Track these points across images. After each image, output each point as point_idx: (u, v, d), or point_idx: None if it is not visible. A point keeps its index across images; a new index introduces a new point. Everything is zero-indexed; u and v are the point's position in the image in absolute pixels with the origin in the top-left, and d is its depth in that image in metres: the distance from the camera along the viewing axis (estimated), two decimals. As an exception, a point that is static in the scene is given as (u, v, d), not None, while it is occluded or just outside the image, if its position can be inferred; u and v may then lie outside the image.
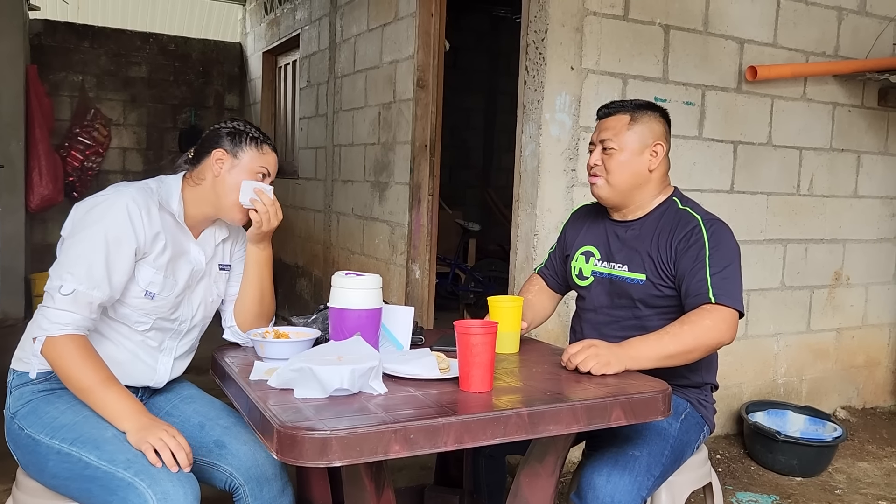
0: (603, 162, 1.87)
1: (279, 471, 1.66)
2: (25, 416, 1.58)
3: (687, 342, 1.67)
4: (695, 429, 1.85)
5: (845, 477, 3.08)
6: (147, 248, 1.62)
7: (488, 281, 5.93)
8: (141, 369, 1.71)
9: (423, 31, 3.65)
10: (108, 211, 1.57)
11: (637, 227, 1.90)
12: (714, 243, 1.77)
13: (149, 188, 1.67)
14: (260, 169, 1.73)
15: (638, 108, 1.88)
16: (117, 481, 1.43)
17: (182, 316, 1.74)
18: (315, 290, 5.19)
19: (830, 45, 3.53)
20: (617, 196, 1.89)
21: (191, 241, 1.74)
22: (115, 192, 1.62)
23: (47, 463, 1.53)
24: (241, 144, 1.72)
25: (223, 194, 1.71)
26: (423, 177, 3.70)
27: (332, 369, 1.35)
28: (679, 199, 1.91)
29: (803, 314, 3.64)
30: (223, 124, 1.76)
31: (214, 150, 1.71)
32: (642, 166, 1.87)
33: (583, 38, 2.88)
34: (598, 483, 1.61)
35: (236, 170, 1.70)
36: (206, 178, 1.71)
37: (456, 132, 7.46)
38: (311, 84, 5.26)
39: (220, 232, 1.82)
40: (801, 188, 3.56)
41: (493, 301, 1.82)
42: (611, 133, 1.86)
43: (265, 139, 1.77)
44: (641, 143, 1.86)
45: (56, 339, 1.51)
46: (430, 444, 1.25)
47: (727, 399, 3.40)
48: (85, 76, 6.51)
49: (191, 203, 1.72)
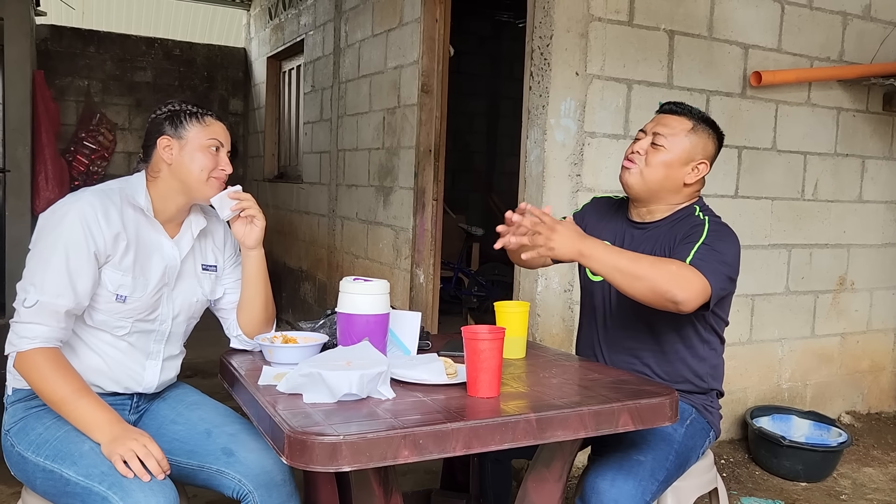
0: (647, 153, 1.84)
1: (287, 476, 1.67)
2: (17, 433, 1.59)
3: (642, 269, 1.59)
4: (700, 434, 1.85)
5: (850, 482, 3.08)
6: (108, 251, 1.58)
7: (492, 285, 5.93)
8: (127, 375, 1.69)
9: (427, 37, 3.66)
10: (64, 218, 1.55)
11: (653, 231, 1.89)
12: (711, 236, 1.74)
13: (109, 189, 1.64)
14: (209, 142, 1.68)
15: (702, 121, 1.87)
16: (94, 496, 1.44)
17: (162, 316, 1.71)
18: (319, 295, 5.20)
19: (835, 50, 3.54)
20: (643, 189, 1.86)
21: (162, 235, 1.70)
22: (71, 199, 1.59)
23: (35, 480, 1.54)
24: (182, 124, 1.67)
25: (184, 177, 1.67)
26: (427, 181, 3.71)
27: (340, 374, 1.36)
28: (700, 206, 1.89)
29: (808, 319, 3.64)
30: (158, 111, 1.72)
31: (158, 139, 1.67)
32: (680, 176, 1.85)
33: (588, 44, 2.89)
34: (603, 487, 1.61)
35: (186, 149, 1.67)
36: (162, 168, 1.68)
37: (459, 136, 7.47)
38: (316, 89, 5.28)
39: (196, 222, 1.77)
40: (806, 193, 3.56)
41: (500, 306, 1.83)
42: (668, 130, 1.84)
43: (205, 111, 1.71)
44: (690, 155, 1.84)
45: (25, 353, 1.51)
46: (439, 449, 1.25)
47: (731, 404, 3.40)
48: (91, 81, 6.55)
49: (157, 198, 1.68)
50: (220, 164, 1.70)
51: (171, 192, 1.69)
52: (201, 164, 1.67)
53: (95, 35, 6.61)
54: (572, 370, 1.71)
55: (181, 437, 1.69)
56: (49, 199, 5.55)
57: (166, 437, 1.69)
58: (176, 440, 1.69)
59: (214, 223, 1.84)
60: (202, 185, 1.68)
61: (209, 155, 1.68)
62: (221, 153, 1.71)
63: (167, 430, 1.71)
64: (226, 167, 1.71)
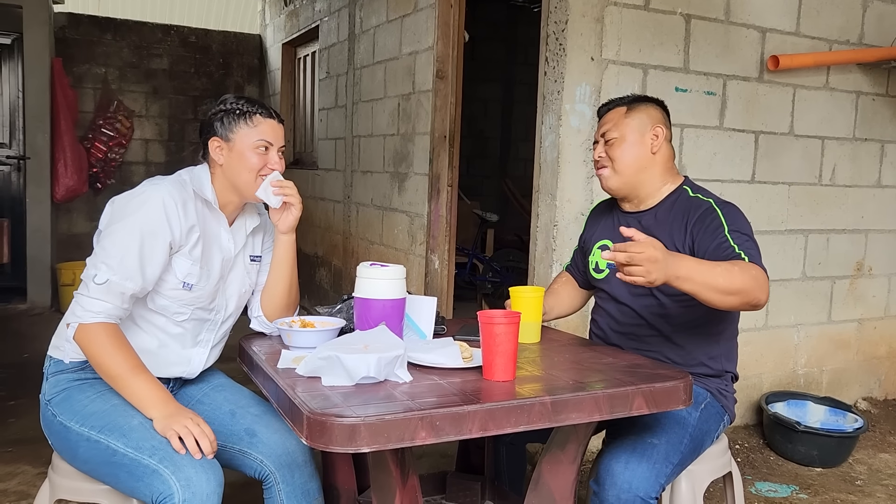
0: (607, 153, 1.91)
1: (308, 457, 1.70)
2: (59, 403, 1.63)
3: (736, 282, 1.58)
4: (714, 418, 1.86)
5: (866, 468, 3.07)
6: (182, 241, 1.64)
7: (506, 271, 5.94)
8: (174, 360, 1.74)
9: (442, 22, 3.65)
10: (145, 204, 1.60)
11: (650, 217, 1.91)
12: (730, 220, 1.77)
13: (182, 180, 1.69)
14: (257, 143, 1.70)
15: (634, 101, 1.93)
16: (142, 468, 1.47)
17: (218, 306, 1.77)
18: (335, 280, 5.24)
19: (854, 32, 3.49)
20: (625, 184, 1.90)
21: (223, 226, 1.75)
22: (152, 186, 1.64)
23: (78, 449, 1.58)
24: (230, 126, 1.69)
25: (234, 178, 1.71)
26: (441, 167, 3.72)
27: (358, 358, 1.38)
28: (690, 187, 1.92)
29: (824, 305, 3.62)
30: (213, 109, 1.74)
31: (210, 140, 1.71)
32: (645, 150, 1.89)
33: (603, 29, 2.88)
34: (617, 470, 1.63)
35: (235, 152, 1.70)
36: (216, 167, 1.72)
37: (473, 122, 7.46)
38: (331, 75, 5.29)
39: (251, 221, 1.83)
40: (823, 178, 3.53)
41: (515, 291, 1.85)
42: (610, 125, 1.91)
43: (254, 110, 1.71)
44: (641, 129, 1.89)
45: (88, 326, 1.55)
46: (456, 431, 1.27)
47: (747, 389, 3.40)
48: (108, 68, 6.58)
49: (219, 190, 1.74)
50: (269, 164, 1.72)
51: (226, 190, 1.73)
52: (249, 166, 1.70)
53: (112, 22, 6.65)
54: (587, 354, 1.72)
55: (206, 418, 1.72)
56: (68, 186, 5.62)
57: None
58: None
59: (267, 221, 1.89)
60: (251, 186, 1.72)
61: (257, 156, 1.70)
62: (271, 152, 1.72)
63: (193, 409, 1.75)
64: (275, 166, 1.73)
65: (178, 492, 1.43)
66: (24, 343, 4.43)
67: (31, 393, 1.88)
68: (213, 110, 1.74)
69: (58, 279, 5.39)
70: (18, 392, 3.53)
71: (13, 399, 3.46)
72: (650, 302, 1.88)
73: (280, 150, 1.75)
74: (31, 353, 4.20)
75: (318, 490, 1.72)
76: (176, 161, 6.75)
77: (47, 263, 5.45)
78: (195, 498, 1.43)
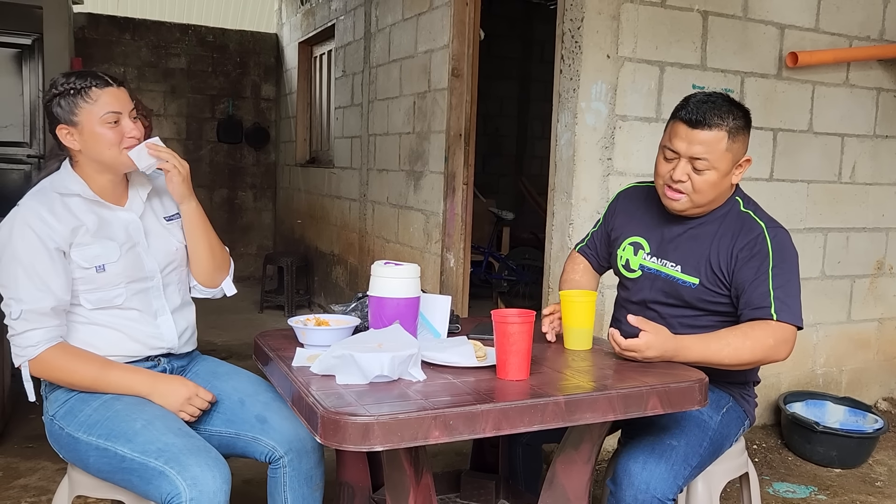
0: (690, 178, 1.72)
1: (318, 445, 1.71)
2: (63, 416, 1.64)
3: (743, 357, 1.65)
4: (736, 422, 1.84)
5: (886, 469, 3.04)
6: (69, 239, 1.60)
7: (522, 269, 5.93)
8: (146, 336, 1.72)
9: (457, 20, 3.65)
10: (11, 233, 1.57)
11: (696, 227, 1.81)
12: (778, 255, 1.71)
13: (42, 189, 1.64)
14: (105, 117, 1.61)
15: (735, 126, 1.71)
16: (150, 471, 1.49)
17: (150, 271, 1.73)
18: (350, 278, 5.25)
19: (875, 28, 3.45)
20: (697, 211, 1.79)
21: (110, 209, 1.70)
22: (11, 214, 1.60)
23: (89, 459, 1.60)
24: (70, 108, 1.61)
25: (97, 155, 1.64)
26: (457, 166, 3.72)
27: (372, 356, 1.39)
28: (742, 199, 1.83)
29: (844, 304, 3.58)
30: (46, 95, 1.64)
31: (56, 129, 1.64)
32: (728, 182, 1.76)
33: (619, 26, 2.86)
34: (634, 470, 1.62)
35: (86, 133, 1.62)
36: (75, 154, 1.66)
37: (489, 120, 7.45)
38: (347, 74, 5.30)
39: (142, 189, 1.77)
40: (843, 176, 3.49)
41: (566, 295, 1.72)
42: (706, 151, 1.69)
43: (87, 84, 1.61)
44: (735, 160, 1.74)
45: (36, 359, 1.58)
46: (469, 430, 1.28)
47: (765, 389, 3.37)
48: (126, 68, 6.65)
49: (89, 179, 1.67)
50: (126, 133, 1.64)
51: (96, 172, 1.67)
52: (106, 141, 1.62)
53: (131, 22, 6.71)
54: (602, 354, 1.71)
55: (216, 407, 1.75)
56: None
57: None
58: (212, 410, 1.74)
59: (156, 179, 1.83)
60: (118, 159, 1.65)
61: (110, 131, 1.62)
62: (123, 121, 1.65)
63: None
64: (132, 132, 1.65)
65: (185, 491, 1.45)
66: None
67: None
68: (46, 97, 1.64)
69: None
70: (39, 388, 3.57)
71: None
72: (681, 313, 1.82)
73: (131, 114, 1.66)
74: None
75: (321, 477, 1.74)
76: (194, 160, 6.80)
77: (67, 261, 5.51)
78: (202, 496, 1.45)
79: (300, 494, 1.70)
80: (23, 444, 2.96)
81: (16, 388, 3.47)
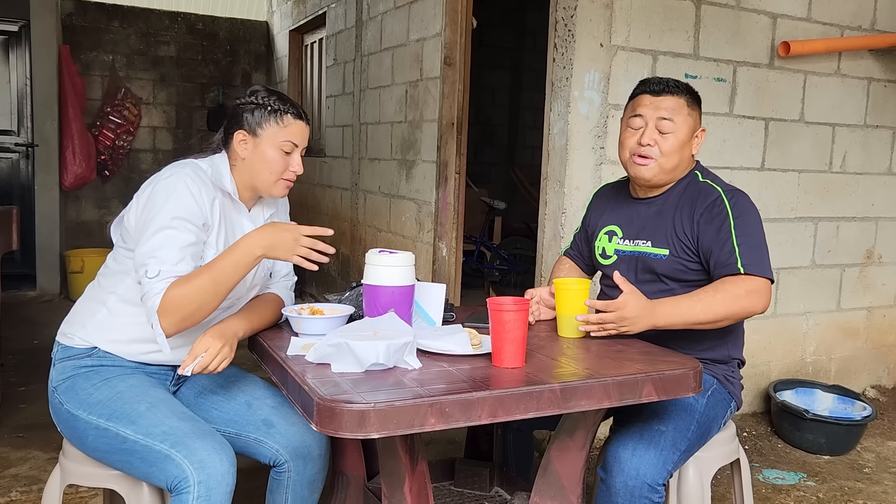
0: (657, 143, 1.82)
1: (323, 451, 1.71)
2: (65, 391, 1.62)
3: (717, 311, 1.69)
4: (721, 405, 1.86)
5: (874, 456, 3.07)
6: (209, 222, 1.62)
7: (514, 259, 5.93)
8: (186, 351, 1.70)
9: (450, 9, 3.63)
10: (172, 191, 1.57)
11: (660, 203, 1.89)
12: (737, 213, 1.77)
13: (201, 171, 1.65)
14: (282, 144, 1.68)
15: (691, 98, 1.86)
16: (154, 453, 1.48)
17: (238, 293, 1.71)
18: (342, 268, 5.25)
19: (867, 18, 3.46)
20: (662, 179, 1.87)
21: (244, 215, 1.74)
22: (173, 172, 1.61)
23: (87, 437, 1.58)
24: (260, 121, 1.66)
25: (255, 175, 1.69)
26: (449, 155, 3.71)
27: (368, 344, 1.39)
28: (700, 171, 1.91)
29: (833, 293, 3.61)
30: (243, 100, 1.70)
31: (236, 132, 1.68)
32: (688, 151, 1.87)
33: (612, 15, 2.85)
34: (624, 457, 1.63)
35: (259, 148, 1.67)
36: (237, 160, 1.70)
37: (481, 109, 7.43)
38: (338, 62, 5.27)
39: (267, 209, 1.82)
40: (834, 165, 3.51)
41: (560, 283, 1.75)
42: (671, 113, 1.82)
43: (285, 109, 1.68)
44: (693, 129, 1.86)
45: (160, 306, 1.48)
46: (465, 417, 1.28)
47: (755, 377, 3.40)
48: (115, 56, 6.58)
49: (238, 181, 1.72)
50: (291, 166, 1.71)
51: (244, 183, 1.72)
52: (272, 166, 1.68)
53: (119, 10, 6.63)
54: (597, 341, 1.72)
55: (220, 406, 1.74)
56: (76, 174, 5.63)
57: (205, 405, 1.74)
58: (214, 409, 1.74)
59: (281, 213, 1.88)
60: (270, 186, 1.71)
61: (281, 156, 1.68)
62: (294, 154, 1.71)
63: (206, 398, 1.76)
64: (297, 168, 1.72)
65: (193, 474, 1.44)
66: (34, 330, 4.46)
67: (42, 379, 1.89)
68: (242, 101, 1.70)
69: (66, 266, 5.42)
70: (29, 378, 3.56)
71: (24, 385, 3.49)
72: (658, 288, 1.87)
73: (302, 151, 1.73)
74: (40, 340, 4.23)
75: (322, 481, 1.75)
76: (184, 149, 6.75)
77: (56, 251, 5.49)
78: (211, 479, 1.44)
79: (300, 497, 1.71)
80: (13, 433, 2.95)
81: (5, 377, 3.46)
